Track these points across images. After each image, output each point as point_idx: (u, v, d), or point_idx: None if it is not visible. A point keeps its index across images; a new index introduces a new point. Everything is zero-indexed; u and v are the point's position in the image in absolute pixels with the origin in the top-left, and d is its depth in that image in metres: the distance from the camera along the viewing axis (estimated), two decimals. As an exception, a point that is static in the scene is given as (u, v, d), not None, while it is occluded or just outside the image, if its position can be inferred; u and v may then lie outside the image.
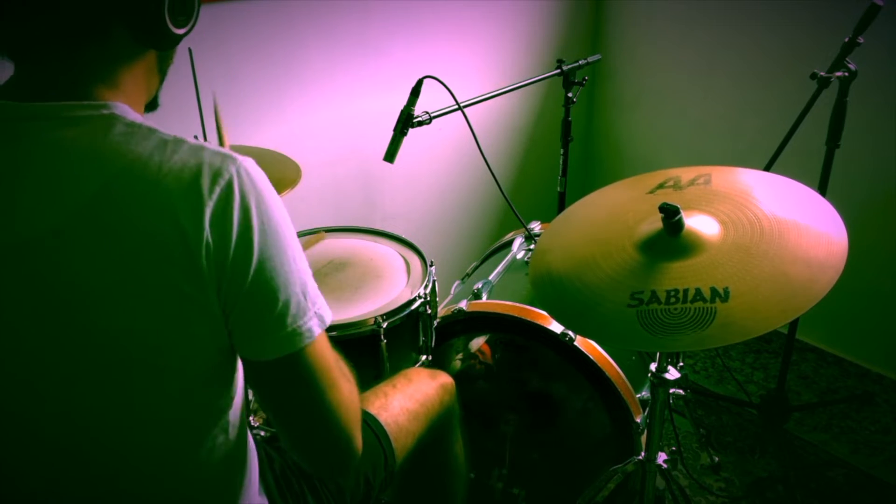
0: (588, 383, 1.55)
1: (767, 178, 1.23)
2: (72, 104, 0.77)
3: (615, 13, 2.71)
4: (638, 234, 1.17)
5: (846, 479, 1.97)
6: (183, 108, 1.45)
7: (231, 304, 0.77)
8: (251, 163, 0.79)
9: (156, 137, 0.77)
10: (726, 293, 1.01)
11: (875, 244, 2.17)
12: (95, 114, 0.77)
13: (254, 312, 0.78)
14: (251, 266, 0.75)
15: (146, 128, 0.78)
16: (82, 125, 0.76)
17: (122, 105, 0.80)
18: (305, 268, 0.82)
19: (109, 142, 0.75)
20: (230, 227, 0.74)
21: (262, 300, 0.78)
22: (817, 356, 2.42)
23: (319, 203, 2.19)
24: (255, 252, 0.75)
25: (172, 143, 0.77)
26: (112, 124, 0.77)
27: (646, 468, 1.39)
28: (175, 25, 0.81)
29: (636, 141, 2.82)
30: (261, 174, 0.79)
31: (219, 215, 0.74)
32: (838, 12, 2.04)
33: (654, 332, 1.02)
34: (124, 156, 0.75)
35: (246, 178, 0.76)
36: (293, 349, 0.79)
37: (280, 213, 0.79)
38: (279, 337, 0.79)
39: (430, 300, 1.50)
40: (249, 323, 0.78)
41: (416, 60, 2.26)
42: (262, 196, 0.77)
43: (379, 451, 1.20)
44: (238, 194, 0.75)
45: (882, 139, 2.11)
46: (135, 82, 0.83)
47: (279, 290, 0.78)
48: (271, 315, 0.78)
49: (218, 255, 0.74)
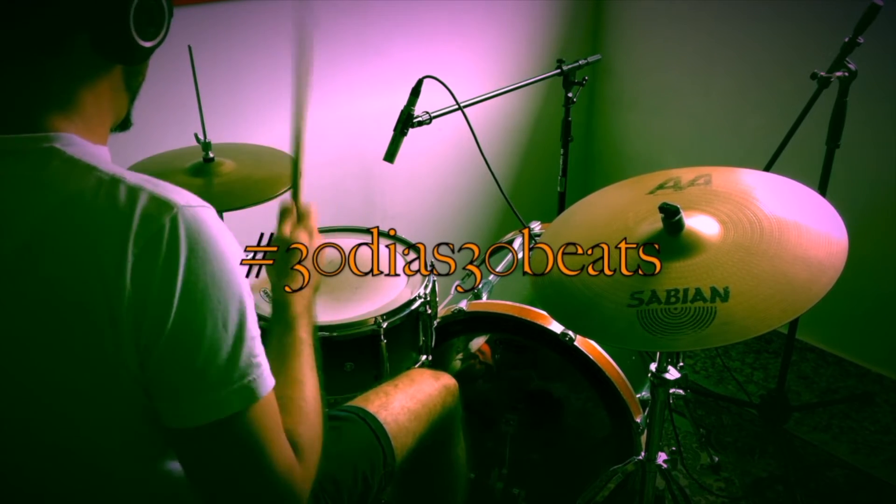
0: (588, 383, 1.55)
1: (768, 179, 1.23)
2: (15, 137, 0.73)
3: (615, 13, 2.71)
4: (638, 234, 1.17)
5: (846, 479, 1.97)
6: (183, 108, 1.45)
7: (147, 361, 0.72)
8: (201, 213, 0.73)
9: (93, 176, 0.72)
10: (726, 293, 1.01)
11: (875, 244, 2.17)
12: (35, 147, 0.73)
13: (168, 374, 0.73)
14: (168, 323, 0.70)
15: (84, 164, 0.73)
16: (25, 160, 0.73)
17: (70, 136, 0.75)
18: (241, 334, 0.74)
19: (45, 179, 0.72)
20: (151, 279, 0.69)
21: (178, 361, 0.72)
22: (817, 356, 2.42)
23: (319, 203, 2.18)
24: (172, 311, 0.70)
25: (109, 183, 0.72)
26: (49, 160, 0.72)
27: (646, 468, 1.39)
28: (142, 37, 0.76)
29: (636, 141, 2.82)
30: (207, 227, 0.72)
31: (140, 266, 0.69)
32: (838, 12, 2.04)
33: (654, 332, 1.02)
34: (58, 194, 0.71)
35: (182, 229, 0.70)
36: (208, 419, 0.73)
37: (217, 272, 0.72)
38: (197, 403, 0.73)
39: (430, 300, 1.50)
40: (165, 384, 0.73)
41: (416, 60, 2.26)
42: (196, 252, 0.71)
43: (377, 450, 1.20)
44: (165, 246, 0.69)
45: (882, 139, 2.11)
46: (96, 103, 0.78)
47: (196, 356, 0.72)
48: (187, 379, 0.72)
49: (136, 307, 0.69)
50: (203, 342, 0.72)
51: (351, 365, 1.41)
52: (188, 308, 0.71)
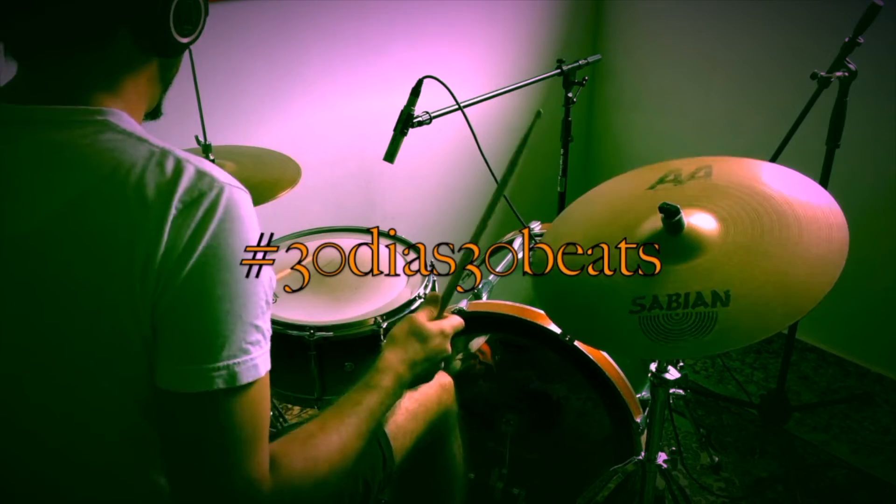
0: (588, 383, 1.54)
1: (768, 168, 1.21)
2: (67, 108, 0.77)
3: (615, 13, 2.71)
4: (638, 233, 1.17)
5: (846, 479, 1.97)
6: (183, 109, 1.45)
7: (158, 319, 0.74)
8: (239, 195, 0.78)
9: (144, 147, 0.77)
10: (727, 296, 1.01)
11: (875, 244, 2.17)
12: (89, 119, 0.77)
13: (168, 328, 0.75)
14: (181, 274, 0.73)
15: (136, 136, 0.78)
16: (75, 129, 0.77)
17: (119, 112, 0.79)
18: (242, 315, 0.76)
19: (97, 148, 0.76)
20: (184, 232, 0.73)
21: (178, 318, 0.74)
22: (817, 356, 2.42)
23: (319, 203, 2.19)
24: (188, 265, 0.73)
25: (160, 154, 0.76)
26: (103, 131, 0.77)
27: (646, 468, 1.39)
28: (180, 34, 0.81)
29: (636, 141, 2.82)
30: (242, 208, 0.77)
31: (178, 220, 0.73)
32: (838, 12, 2.04)
33: (656, 339, 1.01)
34: (108, 163, 0.75)
35: (222, 201, 0.75)
36: (189, 388, 0.74)
37: (239, 251, 0.75)
38: (183, 369, 0.74)
39: (430, 297, 1.50)
40: (164, 339, 0.75)
41: (416, 60, 2.26)
42: (226, 225, 0.75)
43: (377, 452, 1.20)
44: (203, 210, 0.74)
45: (882, 139, 2.11)
46: (136, 90, 0.83)
47: (194, 318, 0.74)
48: (181, 340, 0.74)
49: (165, 255, 0.72)
50: (202, 307, 0.74)
51: (351, 365, 1.41)
52: (200, 271, 0.73)
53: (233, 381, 0.74)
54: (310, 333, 1.38)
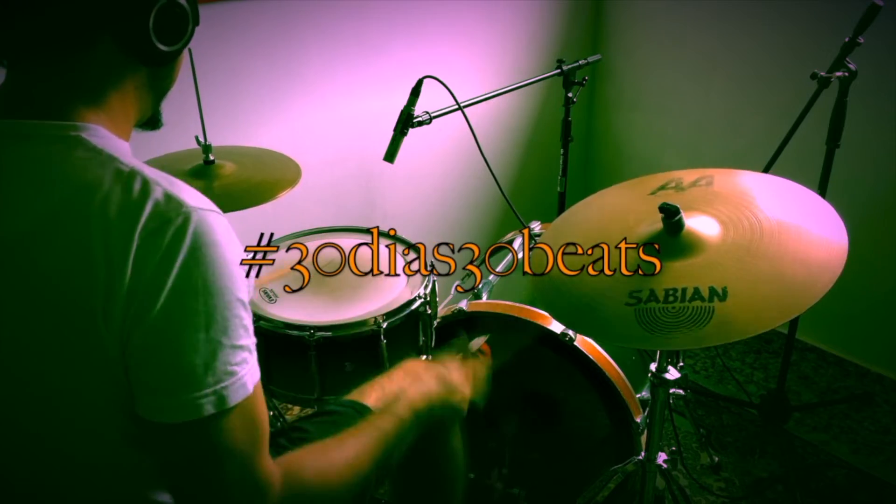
0: (588, 383, 1.55)
1: (769, 181, 1.23)
2: (46, 123, 0.76)
3: (615, 13, 2.71)
4: (638, 234, 1.17)
5: (846, 479, 1.97)
6: (183, 110, 1.45)
7: (127, 348, 0.73)
8: (210, 218, 0.74)
9: (112, 166, 0.75)
10: (724, 293, 1.01)
11: (875, 244, 2.17)
12: (63, 134, 0.76)
13: (144, 364, 0.73)
14: (152, 312, 0.71)
15: (107, 154, 0.76)
16: (52, 145, 0.75)
17: (96, 127, 0.78)
18: (222, 341, 0.74)
19: (66, 167, 0.74)
20: (148, 265, 0.71)
21: (154, 354, 0.73)
22: (817, 356, 2.42)
23: (319, 203, 2.19)
24: (159, 302, 0.71)
25: (127, 175, 0.74)
26: (74, 147, 0.75)
27: (646, 468, 1.39)
28: (162, 42, 0.79)
29: (636, 141, 2.82)
30: (212, 232, 0.74)
31: (142, 251, 0.71)
32: (838, 12, 2.04)
33: (652, 331, 1.02)
34: (75, 181, 0.73)
35: (189, 228, 0.72)
36: (178, 419, 0.73)
37: (212, 277, 0.73)
38: (168, 401, 0.73)
39: (430, 300, 1.50)
40: (141, 374, 0.74)
41: (416, 60, 2.26)
42: (196, 253, 0.72)
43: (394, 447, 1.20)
44: (168, 239, 0.71)
45: (882, 139, 2.11)
46: (122, 100, 0.81)
47: (172, 353, 0.72)
48: (160, 374, 0.73)
49: (130, 290, 0.71)
50: (180, 340, 0.72)
51: (351, 365, 1.41)
52: (174, 304, 0.71)
53: (222, 405, 0.74)
54: (310, 333, 1.38)
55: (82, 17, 0.75)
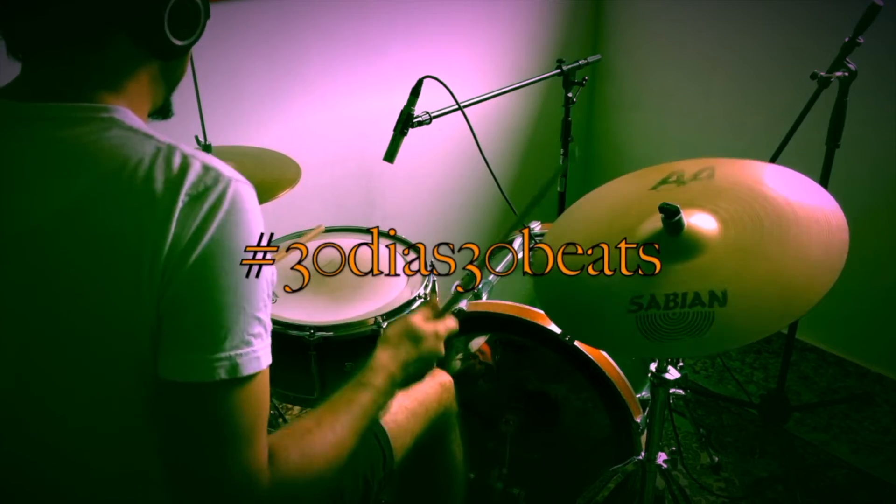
0: (588, 383, 1.55)
1: (771, 170, 1.21)
2: (73, 105, 0.78)
3: (615, 13, 2.71)
4: (639, 233, 1.17)
5: (846, 479, 1.97)
6: (183, 110, 1.45)
7: (164, 309, 0.75)
8: (244, 189, 0.78)
9: (151, 143, 0.78)
10: (724, 297, 1.01)
11: (875, 244, 2.17)
12: (95, 116, 0.78)
13: (174, 316, 0.75)
14: (187, 263, 0.73)
15: (143, 133, 0.79)
16: (82, 126, 0.78)
17: (124, 109, 0.80)
18: (245, 307, 0.76)
19: (104, 145, 0.77)
20: (191, 222, 0.74)
21: (184, 306, 0.75)
22: (817, 356, 2.42)
23: (320, 203, 2.19)
24: (194, 255, 0.73)
25: (166, 149, 0.77)
26: (110, 127, 0.78)
27: (646, 468, 1.39)
28: (176, 37, 0.82)
29: (636, 141, 2.82)
30: (247, 202, 0.78)
31: (186, 210, 0.74)
32: (838, 12, 2.04)
33: (653, 338, 1.01)
34: (115, 160, 0.76)
35: (229, 194, 0.76)
36: (190, 378, 0.74)
37: (243, 243, 0.76)
38: (185, 359, 0.75)
39: (430, 300, 1.50)
40: (169, 328, 0.75)
41: (416, 60, 2.26)
42: (232, 218, 0.76)
43: (378, 451, 1.20)
44: (210, 202, 0.75)
45: (882, 139, 2.11)
46: (139, 89, 0.84)
47: (199, 308, 0.75)
48: (185, 330, 0.75)
49: (173, 245, 0.73)
50: (207, 297, 0.74)
51: (351, 365, 1.41)
52: (208, 259, 0.74)
53: (234, 372, 0.75)
54: (310, 333, 1.38)
55: (100, 11, 0.77)
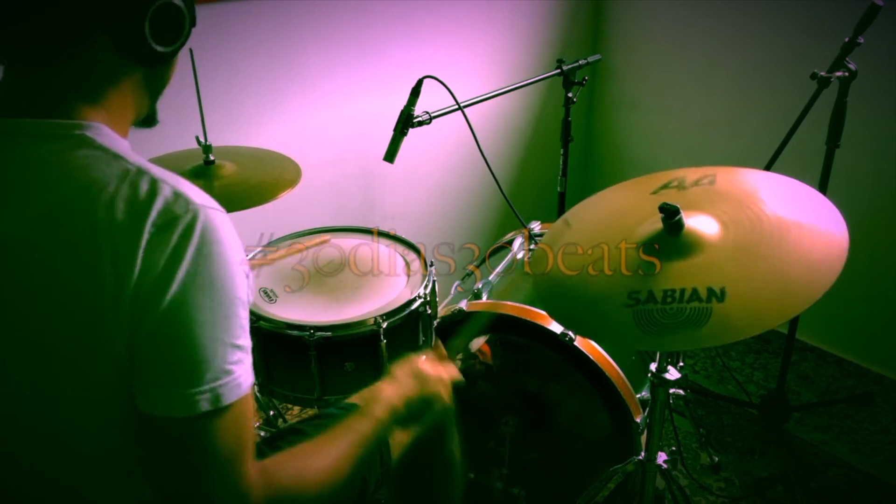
0: (588, 383, 1.55)
1: (772, 179, 1.22)
2: (47, 122, 0.77)
3: (615, 13, 2.71)
4: (639, 234, 1.17)
5: (846, 479, 1.97)
6: (184, 110, 1.45)
7: (138, 346, 0.74)
8: (216, 216, 0.76)
9: (119, 165, 0.76)
10: (722, 293, 1.01)
11: (875, 244, 2.17)
12: (67, 133, 0.77)
13: (148, 357, 0.74)
14: (161, 305, 0.72)
15: (113, 153, 0.77)
16: (51, 144, 0.76)
17: (99, 126, 0.79)
18: (223, 338, 0.75)
19: (68, 165, 0.75)
20: (159, 258, 0.72)
21: (160, 346, 0.74)
22: (817, 356, 2.42)
23: (320, 203, 2.19)
24: (168, 296, 0.72)
25: (134, 173, 0.75)
26: (79, 146, 0.76)
27: (646, 468, 1.39)
28: (158, 43, 0.80)
29: (636, 141, 2.82)
30: (219, 231, 0.75)
31: (152, 244, 0.72)
32: (838, 12, 2.04)
33: (649, 332, 1.02)
34: (79, 180, 0.74)
35: (198, 225, 0.74)
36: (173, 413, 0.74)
37: (218, 275, 0.74)
38: (166, 395, 0.74)
39: (430, 300, 1.50)
40: (143, 367, 0.74)
41: (416, 60, 2.27)
42: (204, 250, 0.73)
43: (375, 450, 1.20)
44: (179, 235, 0.73)
45: (882, 139, 2.11)
46: (120, 99, 0.82)
47: (176, 346, 0.73)
48: (163, 367, 0.74)
49: (139, 283, 0.71)
50: (184, 334, 0.73)
51: (351, 365, 1.41)
52: (181, 298, 0.72)
53: (217, 403, 0.74)
54: (310, 333, 1.38)
55: (79, 17, 0.75)
